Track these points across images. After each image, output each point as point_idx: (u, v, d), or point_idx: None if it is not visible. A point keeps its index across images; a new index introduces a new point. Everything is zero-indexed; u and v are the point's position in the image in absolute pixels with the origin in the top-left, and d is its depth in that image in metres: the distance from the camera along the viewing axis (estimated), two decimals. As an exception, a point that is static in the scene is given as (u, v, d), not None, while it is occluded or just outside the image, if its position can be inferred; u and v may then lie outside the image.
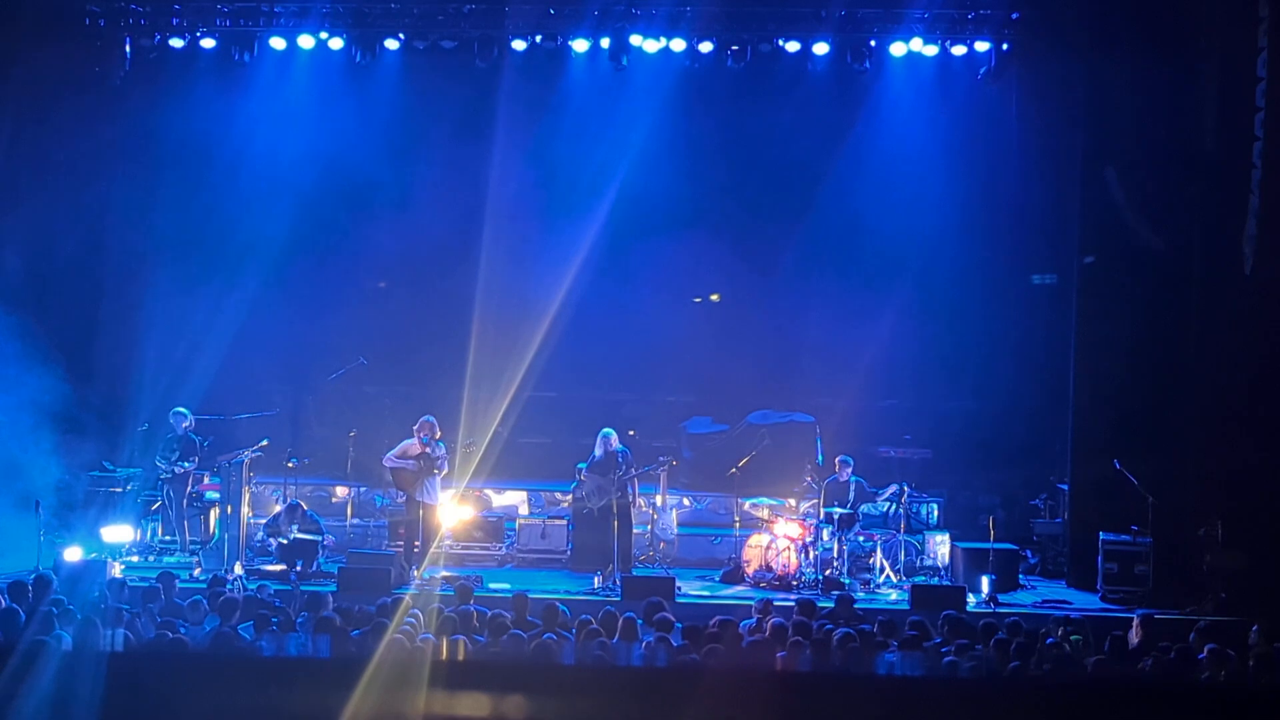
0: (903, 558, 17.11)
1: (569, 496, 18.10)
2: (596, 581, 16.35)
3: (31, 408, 16.99)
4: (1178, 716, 6.70)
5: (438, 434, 16.73)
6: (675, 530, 18.45)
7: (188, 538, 17.21)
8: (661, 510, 18.46)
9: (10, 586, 12.38)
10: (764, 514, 18.35)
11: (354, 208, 20.33)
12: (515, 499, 19.69)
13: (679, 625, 12.18)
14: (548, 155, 20.00)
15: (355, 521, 18.49)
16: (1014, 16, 18.82)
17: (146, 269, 19.29)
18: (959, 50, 19.25)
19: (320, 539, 17.04)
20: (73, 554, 15.63)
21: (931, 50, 19.25)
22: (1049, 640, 11.99)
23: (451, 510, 17.49)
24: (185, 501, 17.28)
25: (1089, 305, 17.71)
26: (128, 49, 19.47)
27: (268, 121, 19.72)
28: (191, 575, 15.89)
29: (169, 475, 17.25)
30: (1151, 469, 16.52)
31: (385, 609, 12.42)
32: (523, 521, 18.47)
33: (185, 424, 17.36)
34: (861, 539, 17.38)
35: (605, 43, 19.32)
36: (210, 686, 6.69)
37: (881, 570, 16.89)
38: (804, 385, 20.59)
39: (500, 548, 18.08)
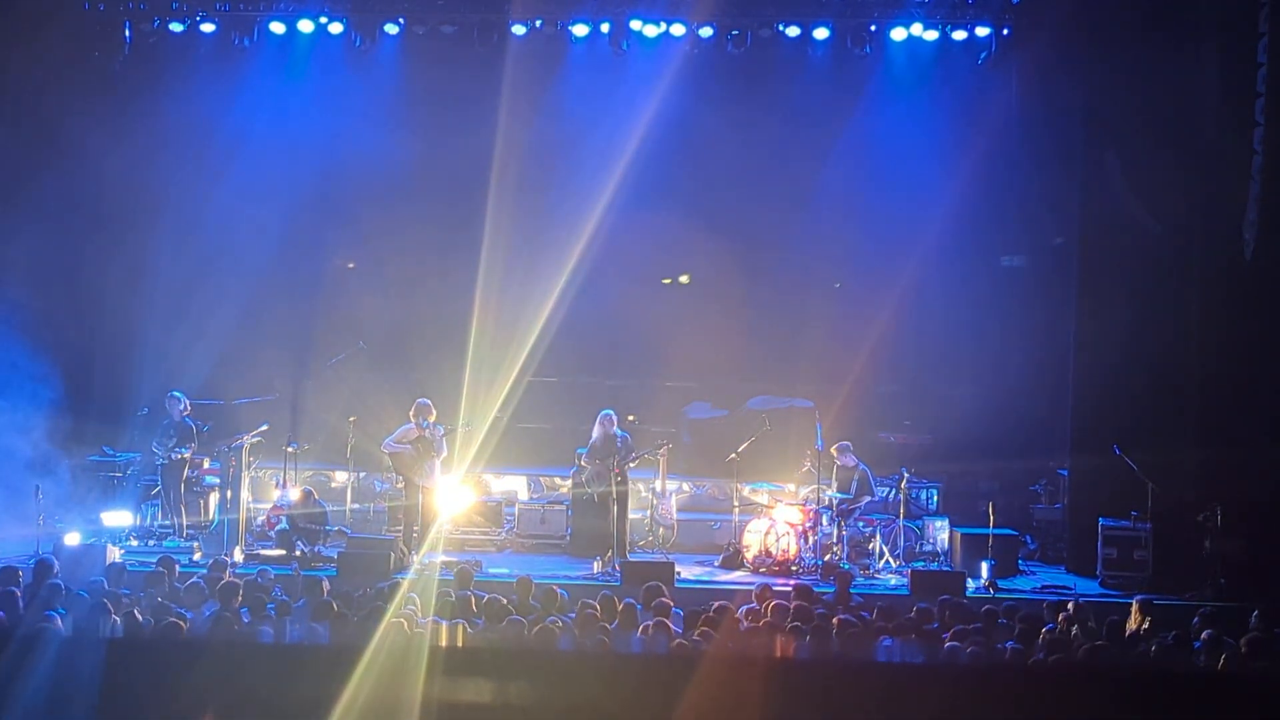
0: (902, 543, 17.12)
1: (569, 482, 18.09)
2: (596, 566, 16.37)
3: (31, 392, 16.98)
4: (1177, 701, 6.70)
5: (433, 415, 16.71)
6: (675, 515, 18.42)
7: (184, 522, 17.15)
8: (661, 495, 18.44)
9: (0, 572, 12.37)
10: (764, 499, 18.36)
11: (353, 193, 20.28)
12: (515, 484, 19.70)
13: (677, 611, 12.19)
14: (548, 140, 19.91)
15: (355, 506, 18.46)
16: (1014, 1, 18.79)
17: (146, 254, 19.24)
18: (960, 35, 19.23)
19: (324, 527, 17.07)
20: (72, 539, 15.64)
21: (932, 35, 19.23)
22: (1048, 626, 12.01)
23: (451, 495, 17.47)
24: (183, 486, 17.25)
25: (1089, 291, 17.70)
26: (127, 33, 19.43)
27: (267, 106, 19.65)
28: (191, 560, 15.89)
29: (164, 462, 17.22)
30: (1151, 455, 16.51)
31: (384, 593, 12.43)
32: (522, 506, 18.49)
33: (180, 408, 17.28)
34: (861, 524, 17.39)
35: (605, 28, 19.29)
36: (209, 671, 6.69)
37: (881, 555, 16.90)
38: (804, 371, 20.54)
39: (499, 533, 18.09)
